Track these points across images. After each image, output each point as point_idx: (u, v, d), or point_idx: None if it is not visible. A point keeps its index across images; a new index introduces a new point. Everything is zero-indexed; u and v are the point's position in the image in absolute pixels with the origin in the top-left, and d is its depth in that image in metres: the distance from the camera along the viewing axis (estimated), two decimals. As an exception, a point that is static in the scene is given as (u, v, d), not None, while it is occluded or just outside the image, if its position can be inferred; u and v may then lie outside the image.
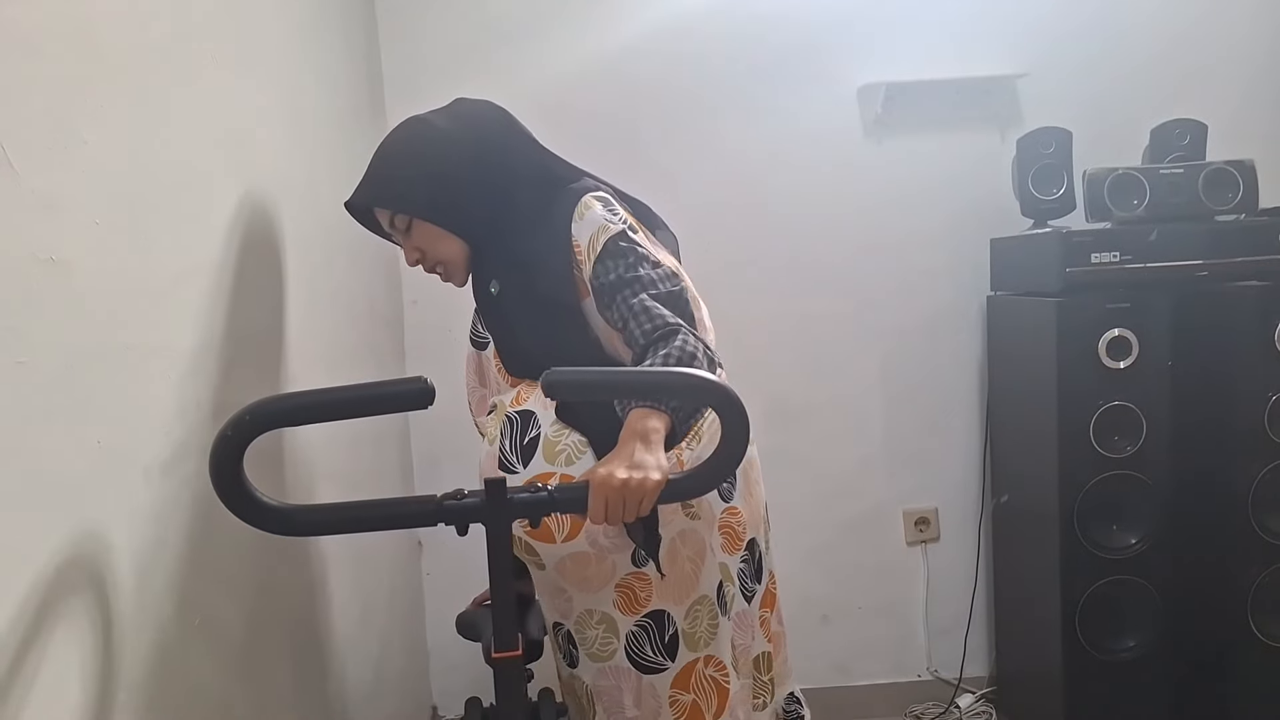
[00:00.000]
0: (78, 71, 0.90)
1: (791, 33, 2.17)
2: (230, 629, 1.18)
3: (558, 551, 1.25)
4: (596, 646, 1.29)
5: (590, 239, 1.25)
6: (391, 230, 1.35)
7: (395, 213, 1.31)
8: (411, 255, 1.34)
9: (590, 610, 1.28)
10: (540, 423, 1.26)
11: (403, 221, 1.31)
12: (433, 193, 1.28)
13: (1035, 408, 1.93)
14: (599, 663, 1.29)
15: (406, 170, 1.29)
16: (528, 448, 1.25)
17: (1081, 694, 1.88)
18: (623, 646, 1.28)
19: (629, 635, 1.27)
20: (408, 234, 1.32)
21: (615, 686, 1.29)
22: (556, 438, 1.24)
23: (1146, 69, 2.20)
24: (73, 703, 0.85)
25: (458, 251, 1.33)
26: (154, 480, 1.00)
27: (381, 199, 1.31)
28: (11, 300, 0.78)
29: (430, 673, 2.27)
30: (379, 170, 1.31)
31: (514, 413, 1.29)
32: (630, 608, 1.27)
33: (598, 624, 1.28)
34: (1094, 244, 1.84)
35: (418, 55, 2.13)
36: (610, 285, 1.22)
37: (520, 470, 1.25)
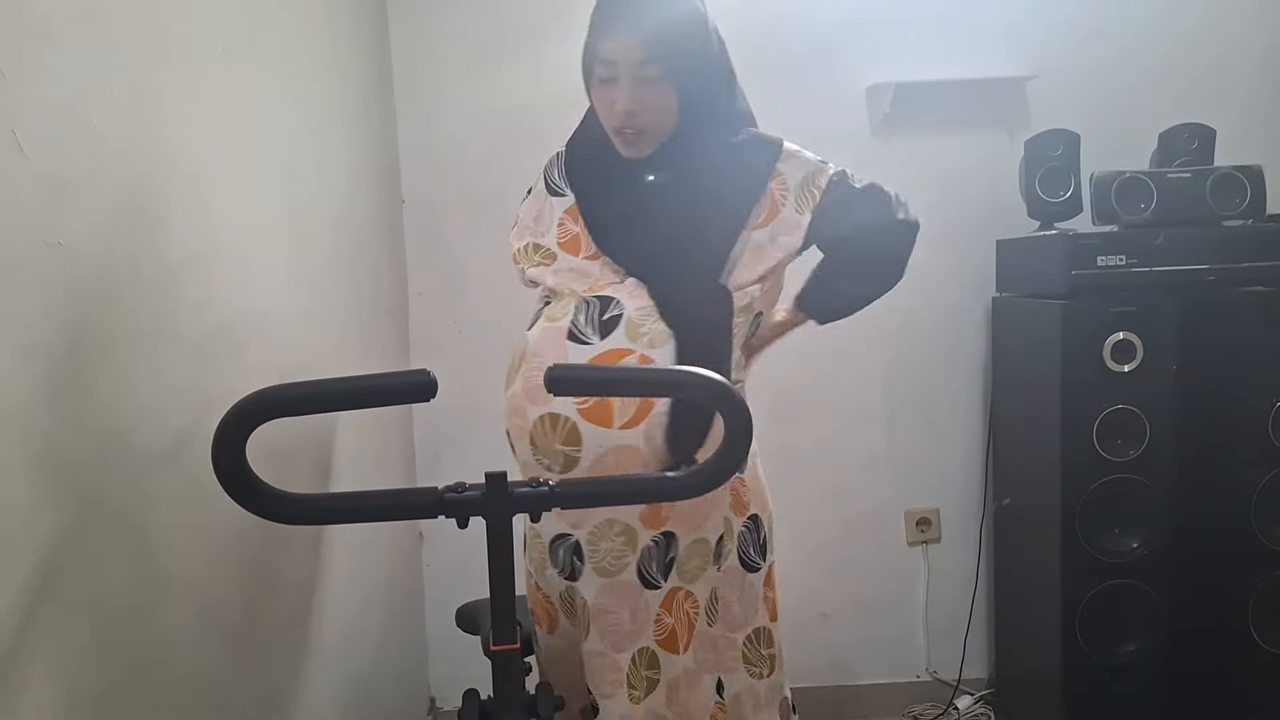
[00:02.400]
0: (88, 58, 0.90)
1: (800, 33, 2.16)
2: (230, 617, 1.18)
3: (607, 439, 1.21)
4: (609, 560, 1.26)
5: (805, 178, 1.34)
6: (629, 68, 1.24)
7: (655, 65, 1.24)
8: (630, 104, 1.25)
9: (612, 520, 1.25)
10: (624, 305, 1.25)
11: (654, 72, 1.24)
12: (697, 68, 1.28)
13: (1038, 410, 1.93)
14: (605, 577, 1.27)
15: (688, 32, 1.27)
16: (607, 323, 1.25)
17: (1081, 697, 1.88)
18: (636, 561, 1.27)
19: (644, 549, 1.26)
20: (645, 85, 1.25)
21: (616, 603, 1.27)
22: (641, 320, 1.24)
23: (1155, 73, 2.19)
24: (72, 689, 0.85)
25: (669, 128, 1.29)
26: (157, 467, 1.01)
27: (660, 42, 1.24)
28: (19, 284, 0.79)
29: (429, 664, 2.28)
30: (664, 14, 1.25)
31: (591, 296, 1.27)
32: (653, 521, 1.26)
33: (617, 535, 1.26)
34: (1100, 247, 1.84)
35: (427, 49, 2.13)
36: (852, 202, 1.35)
37: (594, 342, 1.23)
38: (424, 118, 2.15)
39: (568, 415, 1.21)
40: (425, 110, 2.15)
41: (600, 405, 1.20)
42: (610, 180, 1.34)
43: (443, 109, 2.15)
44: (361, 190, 1.87)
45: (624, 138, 1.30)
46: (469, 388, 2.15)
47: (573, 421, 1.21)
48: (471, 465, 1.37)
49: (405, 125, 2.15)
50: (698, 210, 1.29)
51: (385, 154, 2.07)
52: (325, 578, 1.55)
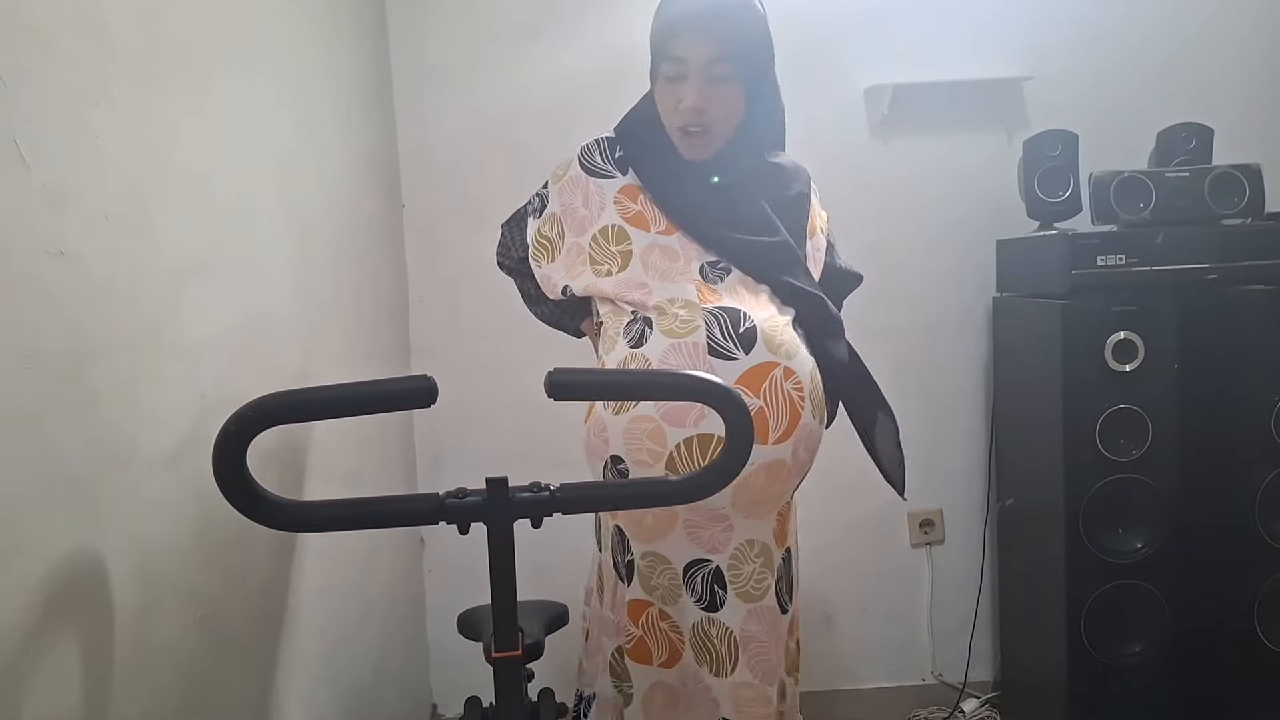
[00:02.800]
0: (89, 66, 0.90)
1: (798, 34, 2.16)
2: (232, 624, 1.18)
3: (759, 455, 1.16)
4: (752, 583, 1.22)
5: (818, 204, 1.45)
6: (701, 66, 1.23)
7: (728, 64, 1.23)
8: (700, 101, 1.24)
9: (751, 540, 1.22)
10: (753, 317, 1.23)
11: (725, 71, 1.23)
12: (763, 70, 1.29)
13: (1040, 410, 1.93)
14: (751, 603, 1.22)
15: (756, 34, 1.28)
16: (744, 336, 1.21)
17: (1086, 699, 1.87)
18: (773, 583, 1.23)
19: (779, 569, 1.24)
20: (715, 84, 1.24)
21: (764, 631, 1.24)
22: (774, 331, 1.24)
23: (1153, 72, 2.20)
24: (75, 697, 0.85)
25: (730, 130, 1.29)
26: (158, 474, 1.00)
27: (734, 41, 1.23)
28: (20, 293, 0.79)
29: (430, 670, 2.27)
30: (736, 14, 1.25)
31: (716, 309, 1.23)
32: (781, 538, 1.25)
33: (756, 556, 1.22)
34: (1100, 246, 1.83)
35: (426, 52, 2.14)
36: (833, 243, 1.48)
37: (740, 356, 1.20)
38: (423, 123, 2.15)
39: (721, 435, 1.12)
40: (425, 115, 2.15)
41: (757, 421, 1.14)
42: (675, 172, 1.31)
43: (442, 114, 2.16)
44: (361, 195, 1.87)
45: (689, 136, 1.27)
46: (470, 393, 2.16)
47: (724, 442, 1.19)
48: (472, 470, 1.37)
49: (405, 130, 2.16)
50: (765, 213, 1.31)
51: (385, 159, 2.08)
52: (326, 584, 1.55)
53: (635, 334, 1.25)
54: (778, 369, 1.19)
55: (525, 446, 2.15)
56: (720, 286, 1.26)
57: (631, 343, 1.25)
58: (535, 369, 1.31)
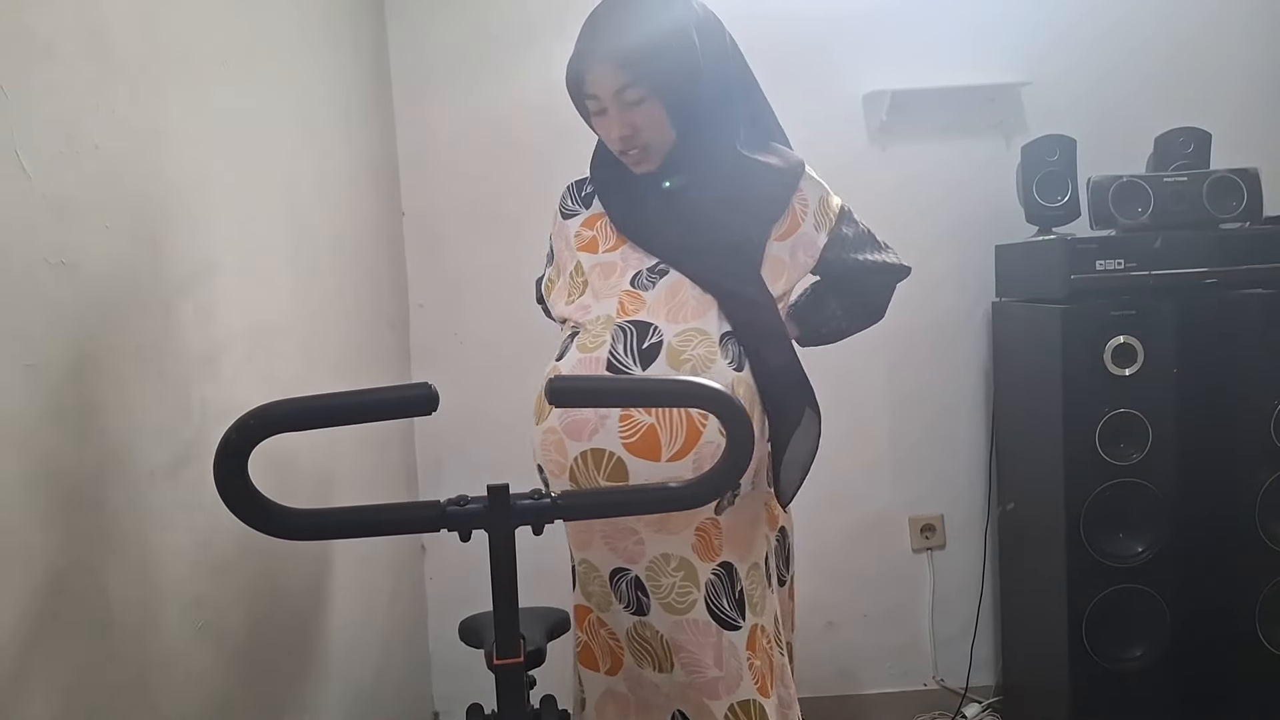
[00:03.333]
0: (90, 77, 0.91)
1: (796, 40, 2.17)
2: (233, 632, 1.18)
3: (655, 472, 1.17)
4: (674, 596, 1.22)
5: (821, 200, 1.35)
6: (612, 98, 1.24)
7: (635, 88, 1.23)
8: (623, 129, 1.26)
9: (666, 555, 1.22)
10: (664, 331, 1.23)
11: (635, 95, 1.23)
12: (678, 79, 1.25)
13: (1040, 415, 1.93)
14: (675, 615, 1.22)
15: (661, 48, 1.24)
16: (647, 352, 1.22)
17: (1088, 704, 1.87)
18: (703, 597, 1.22)
19: (708, 584, 1.22)
20: (632, 107, 1.24)
21: (695, 642, 1.23)
22: (683, 346, 1.22)
23: (1151, 77, 2.20)
24: (74, 705, 0.85)
25: (668, 139, 1.28)
26: (159, 482, 1.00)
27: (631, 66, 1.23)
28: (22, 303, 0.79)
29: (432, 677, 2.27)
30: (631, 37, 1.24)
31: (626, 323, 1.24)
32: (707, 554, 1.22)
33: (675, 570, 1.22)
34: (1099, 251, 1.84)
35: (426, 56, 2.14)
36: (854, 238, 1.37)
37: (635, 372, 1.21)
38: (423, 129, 2.16)
39: (613, 450, 1.18)
40: (424, 121, 2.16)
41: (647, 438, 1.17)
42: (631, 190, 1.34)
43: (442, 120, 2.16)
44: (361, 202, 1.88)
45: (629, 159, 1.31)
46: (471, 400, 2.16)
47: (619, 456, 1.18)
48: (473, 477, 1.37)
49: (404, 136, 2.16)
50: (719, 212, 1.28)
51: (385, 165, 2.08)
52: (327, 592, 1.55)
53: (561, 349, 1.29)
54: None
55: (527, 454, 2.14)
56: (650, 293, 1.26)
57: (556, 357, 1.29)
58: (536, 376, 1.31)
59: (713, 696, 1.23)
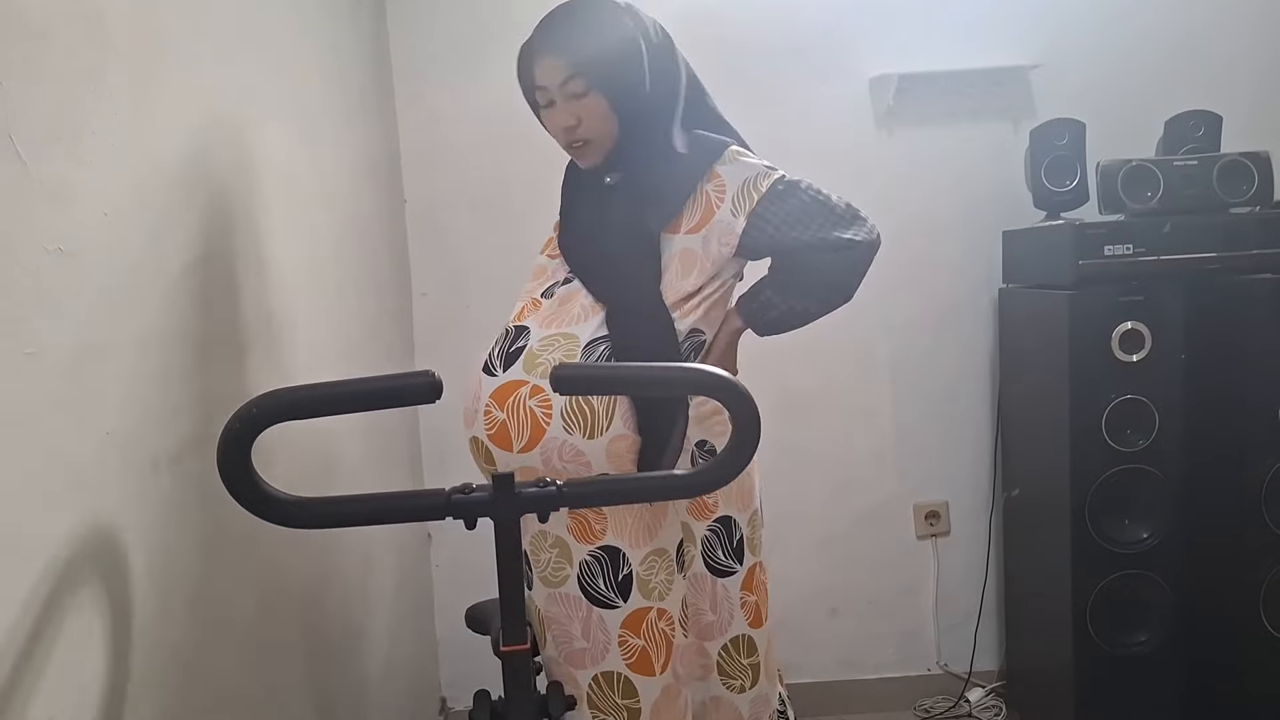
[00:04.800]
0: (86, 62, 0.90)
1: (803, 23, 2.15)
2: (240, 620, 1.18)
3: (511, 461, 1.26)
4: (549, 570, 1.30)
5: (746, 182, 1.30)
6: (558, 89, 1.28)
7: (580, 77, 1.27)
8: (567, 119, 1.29)
9: (544, 532, 1.30)
10: (531, 336, 1.30)
11: (579, 86, 1.27)
12: (621, 73, 1.28)
13: (1047, 401, 1.92)
14: (550, 587, 1.30)
15: (606, 42, 1.28)
16: (511, 355, 1.30)
17: (1092, 689, 1.87)
18: (575, 574, 1.29)
19: (582, 564, 1.28)
20: (576, 99, 1.28)
21: (565, 614, 1.30)
22: (542, 350, 1.28)
23: (1161, 60, 2.18)
24: (82, 694, 0.85)
25: (611, 134, 1.31)
26: (163, 472, 1.00)
27: (576, 58, 1.27)
28: (21, 291, 0.78)
29: (439, 664, 2.28)
30: (577, 31, 1.29)
31: (512, 326, 1.34)
32: (584, 537, 1.28)
33: (551, 547, 1.30)
34: (1107, 236, 1.82)
35: (426, 45, 2.12)
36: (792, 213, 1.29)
37: (498, 374, 1.29)
38: (424, 117, 2.14)
39: (483, 439, 1.30)
40: (425, 110, 2.14)
41: (500, 431, 1.27)
42: (581, 187, 1.40)
43: (443, 108, 2.15)
44: (363, 191, 1.87)
45: (573, 151, 1.35)
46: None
47: (487, 445, 1.30)
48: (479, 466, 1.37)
49: (405, 125, 2.15)
50: (637, 210, 1.30)
51: (386, 154, 2.07)
52: (333, 580, 1.55)
53: None
54: (524, 387, 1.26)
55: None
56: (549, 301, 1.34)
57: None
58: (540, 363, 1.30)
59: (579, 666, 1.30)
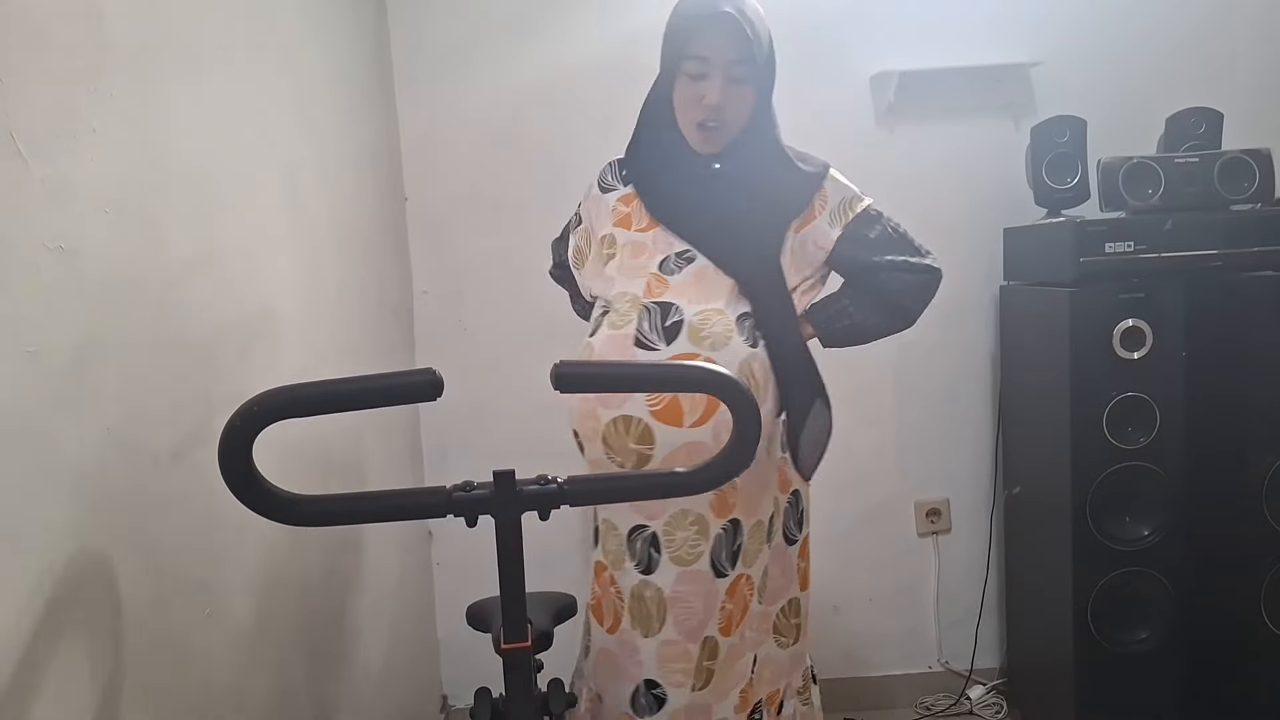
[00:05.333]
0: (87, 61, 0.90)
1: (803, 21, 2.15)
2: (240, 618, 1.18)
3: (678, 437, 1.30)
4: (685, 549, 1.35)
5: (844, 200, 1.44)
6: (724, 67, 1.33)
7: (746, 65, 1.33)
8: (714, 97, 1.34)
9: (686, 510, 1.34)
10: (684, 310, 1.33)
11: (743, 73, 1.33)
12: (771, 77, 1.39)
13: (1048, 398, 1.92)
14: (682, 566, 1.35)
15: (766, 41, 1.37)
16: (670, 329, 1.33)
17: (1093, 686, 1.87)
18: (709, 550, 1.35)
19: (715, 538, 1.35)
20: (734, 84, 1.34)
21: (691, 592, 1.35)
22: (702, 324, 1.33)
23: (1162, 57, 2.17)
24: (82, 692, 0.85)
25: (741, 126, 1.38)
26: (163, 469, 1.00)
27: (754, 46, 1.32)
28: (22, 289, 0.79)
29: (440, 662, 2.28)
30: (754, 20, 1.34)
31: (651, 303, 1.35)
32: (721, 510, 1.35)
33: (691, 524, 1.35)
34: (1108, 234, 1.82)
35: (427, 43, 2.12)
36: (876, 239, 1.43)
37: (661, 348, 1.32)
38: (425, 114, 2.14)
39: (640, 417, 1.30)
40: (426, 106, 2.14)
41: (671, 406, 1.29)
42: (670, 166, 1.42)
43: (443, 105, 2.14)
44: (363, 188, 1.87)
45: (705, 131, 1.37)
46: (475, 386, 2.16)
47: (645, 423, 1.30)
48: (480, 463, 1.37)
49: (406, 122, 2.15)
50: (750, 203, 1.38)
51: (387, 150, 2.07)
52: (334, 578, 1.55)
53: (593, 326, 1.40)
54: (697, 360, 1.29)
55: (532, 439, 2.14)
56: (675, 278, 1.36)
57: (590, 334, 1.40)
58: (541, 361, 1.30)
59: (694, 639, 1.37)
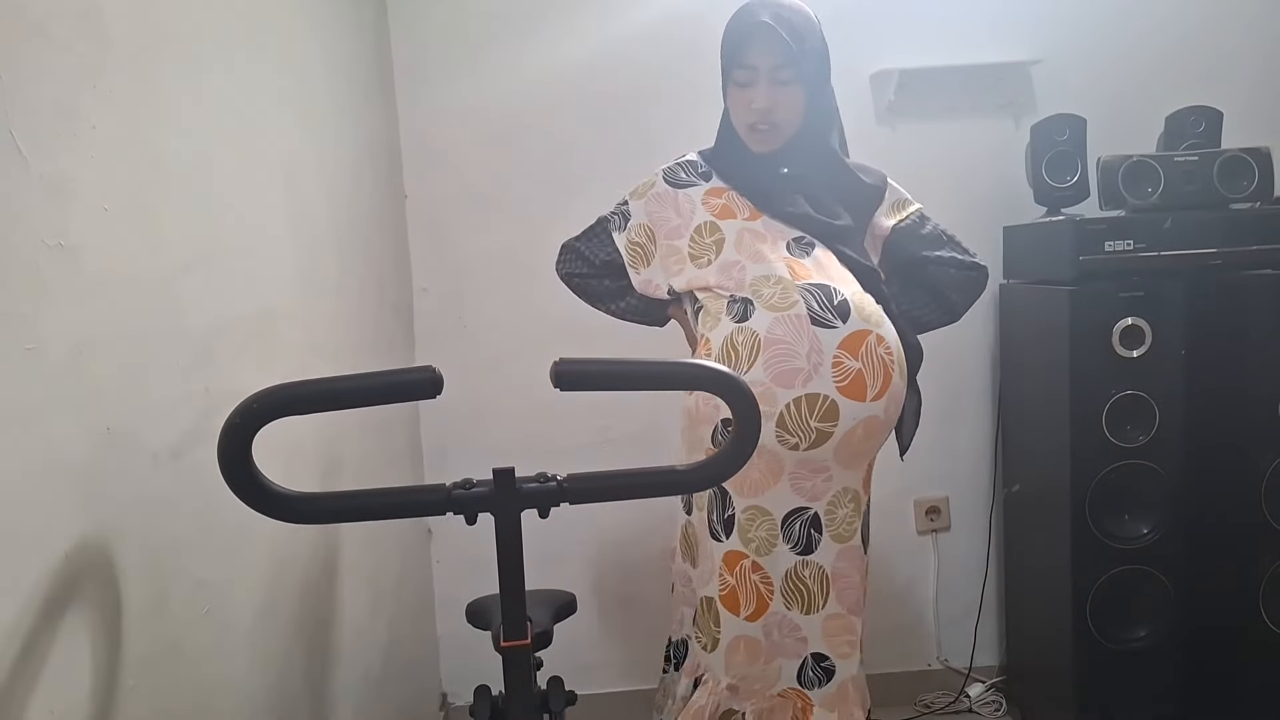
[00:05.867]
0: (86, 57, 0.90)
1: (802, 18, 2.14)
2: (240, 616, 1.18)
3: (861, 411, 1.36)
4: (843, 526, 1.41)
5: (897, 201, 1.57)
6: (768, 70, 1.40)
7: (792, 68, 1.40)
8: (765, 101, 1.42)
9: (846, 488, 1.42)
10: (843, 290, 1.40)
11: (789, 75, 1.40)
12: (823, 74, 1.47)
13: (1047, 396, 1.92)
14: (841, 543, 1.41)
15: (815, 40, 1.44)
16: (839, 307, 1.39)
17: (1092, 684, 1.88)
18: (860, 525, 1.43)
19: (864, 513, 1.44)
20: (781, 86, 1.41)
21: (850, 567, 1.43)
22: (863, 302, 1.41)
23: (1162, 56, 2.17)
24: (82, 689, 0.85)
25: (795, 127, 1.45)
26: (163, 467, 1.00)
27: (795, 51, 1.39)
28: (20, 286, 0.78)
29: (440, 660, 2.28)
30: (797, 23, 1.41)
31: (809, 284, 1.40)
32: (867, 486, 1.45)
33: (849, 501, 1.42)
34: (1108, 232, 1.82)
35: (427, 40, 2.12)
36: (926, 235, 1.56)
37: (839, 325, 1.37)
38: (425, 111, 2.14)
39: (827, 394, 1.35)
40: (426, 103, 2.14)
41: (857, 381, 1.36)
42: (751, 169, 1.50)
43: (444, 102, 2.14)
44: (363, 186, 1.86)
45: (757, 133, 1.45)
46: (475, 384, 2.16)
47: (832, 399, 1.36)
48: (479, 461, 1.37)
49: (406, 118, 2.14)
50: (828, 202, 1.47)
51: (386, 148, 2.06)
52: (334, 575, 1.55)
53: (738, 311, 1.42)
54: (871, 335, 1.37)
55: (532, 437, 2.15)
56: (807, 261, 1.42)
57: (736, 319, 1.41)
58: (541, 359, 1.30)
59: (858, 613, 1.46)
